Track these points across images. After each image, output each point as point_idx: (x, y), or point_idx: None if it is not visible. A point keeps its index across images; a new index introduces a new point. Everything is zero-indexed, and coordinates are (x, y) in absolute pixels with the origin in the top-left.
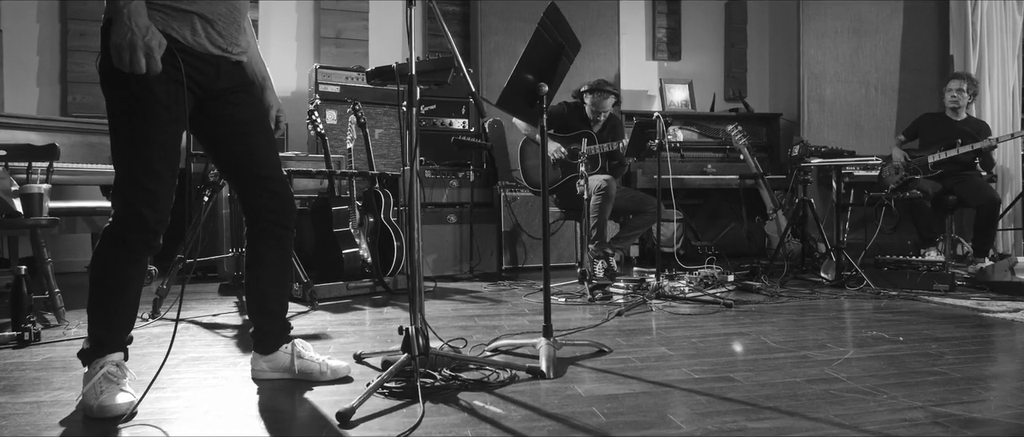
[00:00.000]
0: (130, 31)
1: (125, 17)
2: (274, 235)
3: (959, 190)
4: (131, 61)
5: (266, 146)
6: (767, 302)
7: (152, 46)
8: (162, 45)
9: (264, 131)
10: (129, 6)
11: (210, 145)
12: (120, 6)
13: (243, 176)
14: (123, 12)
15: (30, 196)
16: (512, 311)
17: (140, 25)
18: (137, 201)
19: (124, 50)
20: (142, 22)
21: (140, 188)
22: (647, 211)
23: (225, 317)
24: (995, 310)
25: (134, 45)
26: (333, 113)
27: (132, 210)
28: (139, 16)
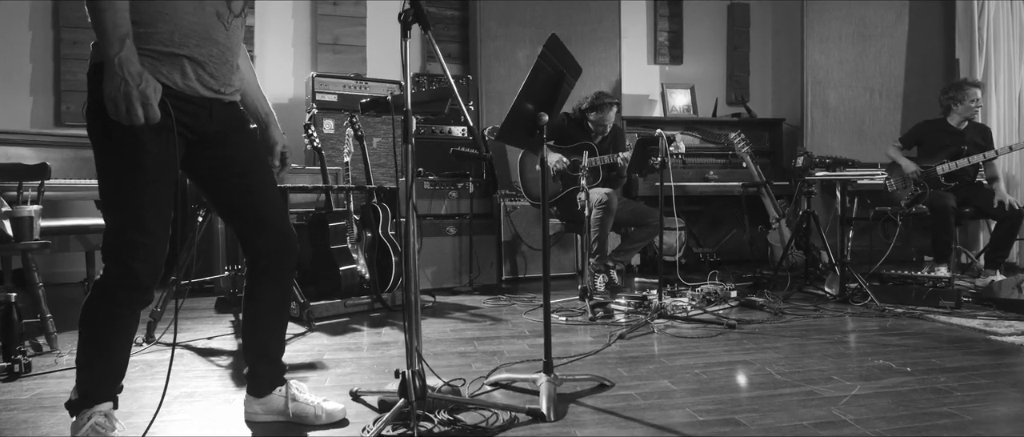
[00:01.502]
0: (124, 81)
1: (117, 66)
2: (274, 277)
3: (977, 201)
4: (128, 113)
5: (264, 186)
6: (770, 321)
7: (148, 95)
8: (158, 91)
9: (261, 170)
10: (120, 54)
11: (205, 188)
12: (111, 54)
13: (241, 218)
14: (114, 61)
15: (20, 219)
16: (512, 332)
17: (134, 73)
18: (129, 256)
19: (119, 102)
20: (135, 70)
21: (131, 243)
22: (649, 224)
23: (220, 341)
24: (1003, 332)
25: (129, 96)
26: (330, 122)
27: (124, 266)
28: (131, 63)
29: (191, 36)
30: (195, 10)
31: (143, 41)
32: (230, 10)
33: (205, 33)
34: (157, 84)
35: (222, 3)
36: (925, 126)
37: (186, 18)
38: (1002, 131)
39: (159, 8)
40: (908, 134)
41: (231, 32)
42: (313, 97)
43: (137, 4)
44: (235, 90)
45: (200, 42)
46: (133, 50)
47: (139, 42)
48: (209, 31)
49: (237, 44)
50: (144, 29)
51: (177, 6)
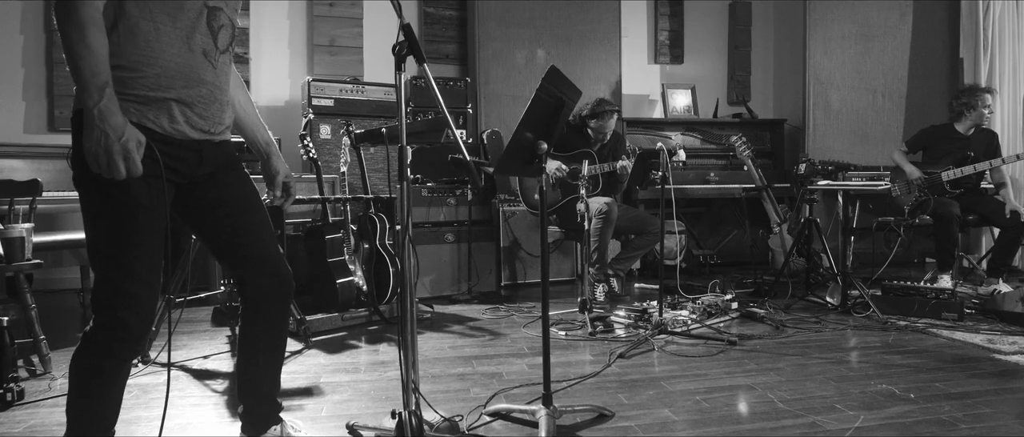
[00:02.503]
0: (104, 135)
1: (97, 118)
2: (269, 316)
3: (982, 208)
4: (108, 167)
5: (257, 224)
6: (771, 335)
7: (130, 148)
8: (141, 144)
9: (254, 208)
10: (100, 105)
11: (197, 230)
12: (90, 105)
13: (234, 257)
14: (93, 112)
15: (12, 240)
16: (511, 350)
17: (114, 126)
18: (119, 307)
19: (100, 156)
20: (116, 122)
21: (121, 294)
22: (649, 232)
23: (217, 360)
24: (1006, 350)
25: (110, 150)
26: (327, 128)
27: (114, 317)
28: (112, 115)
29: (177, 78)
30: (181, 51)
31: (128, 86)
32: (216, 46)
33: (192, 74)
34: (140, 136)
35: (208, 40)
36: (931, 131)
37: (173, 60)
38: (1007, 134)
39: (143, 51)
40: (914, 138)
41: (219, 69)
42: (309, 102)
43: (120, 48)
44: (226, 127)
45: (187, 83)
46: (114, 100)
47: (123, 87)
48: (196, 71)
49: (226, 80)
50: (129, 73)
51: (162, 48)
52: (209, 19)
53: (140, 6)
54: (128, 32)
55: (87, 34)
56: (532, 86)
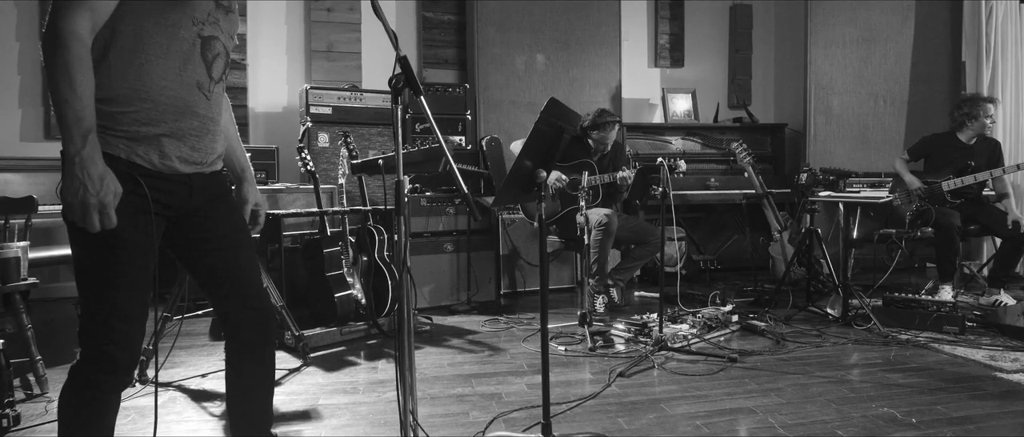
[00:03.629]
0: (82, 186)
1: (77, 167)
2: (255, 352)
3: (983, 218)
4: (82, 219)
5: (245, 259)
6: (772, 351)
7: (106, 202)
8: (118, 195)
9: (243, 242)
10: (82, 152)
11: (185, 262)
12: (71, 153)
13: (220, 291)
14: (74, 160)
15: (7, 261)
16: (511, 367)
17: (94, 176)
18: (107, 342)
19: (75, 207)
20: (95, 172)
21: (108, 328)
22: (649, 242)
23: (215, 379)
24: (1008, 368)
25: (86, 203)
26: (325, 136)
27: (102, 351)
28: (92, 164)
29: (169, 112)
30: (174, 83)
31: (117, 122)
32: (210, 77)
33: (184, 107)
34: (118, 188)
35: (202, 71)
36: (933, 139)
37: (164, 93)
38: (1009, 140)
39: (134, 85)
40: (915, 147)
41: (213, 100)
42: (307, 110)
43: (110, 79)
44: (218, 157)
45: (179, 117)
46: (96, 147)
47: (113, 123)
48: (189, 105)
49: (219, 110)
50: (118, 108)
51: (154, 80)
52: (203, 49)
53: (133, 40)
54: (119, 63)
55: (74, 75)
56: (532, 91)
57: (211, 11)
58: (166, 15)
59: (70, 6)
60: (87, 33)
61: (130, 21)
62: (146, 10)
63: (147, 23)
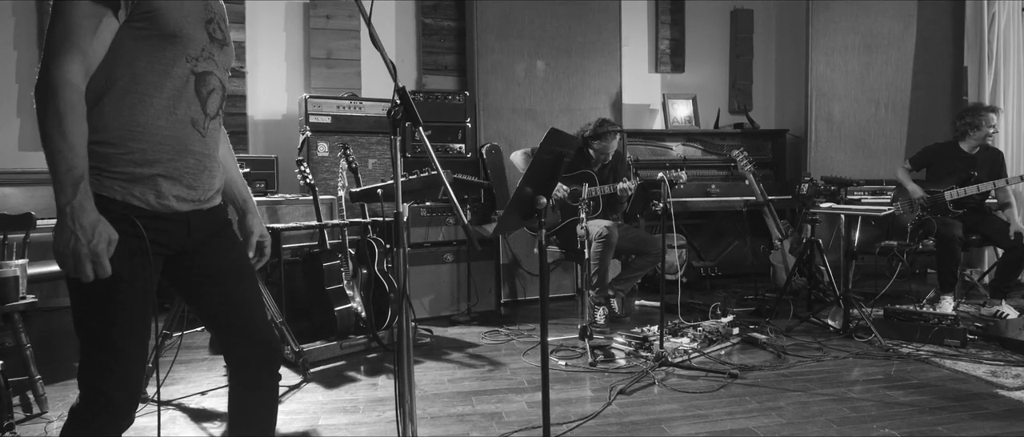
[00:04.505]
0: (74, 236)
1: (68, 217)
2: (260, 386)
3: (984, 228)
4: (75, 270)
5: (247, 293)
6: (772, 366)
7: (99, 252)
8: (113, 242)
9: (244, 276)
10: (73, 202)
11: (186, 298)
12: (62, 203)
13: (223, 326)
14: (65, 210)
15: (5, 280)
16: (511, 384)
17: (86, 226)
18: (105, 384)
19: (67, 259)
20: (88, 222)
21: (108, 371)
22: (650, 252)
23: (214, 397)
24: (1010, 385)
25: (78, 254)
26: (324, 145)
27: (99, 393)
28: (83, 214)
29: (164, 151)
30: (169, 122)
31: (112, 163)
32: (205, 113)
33: (179, 146)
34: (112, 235)
35: (196, 108)
36: (936, 149)
37: (159, 133)
38: (1011, 146)
39: (128, 126)
40: (918, 156)
41: (209, 136)
42: (306, 119)
43: (105, 121)
44: (217, 191)
45: (174, 156)
46: (88, 195)
47: (108, 164)
48: (184, 143)
49: (216, 146)
50: (113, 149)
51: (148, 120)
52: (198, 86)
53: (126, 79)
54: (114, 106)
55: (66, 124)
56: (532, 98)
57: (205, 46)
58: (159, 54)
59: (62, 52)
60: (80, 79)
61: (123, 62)
62: (139, 50)
63: (140, 63)
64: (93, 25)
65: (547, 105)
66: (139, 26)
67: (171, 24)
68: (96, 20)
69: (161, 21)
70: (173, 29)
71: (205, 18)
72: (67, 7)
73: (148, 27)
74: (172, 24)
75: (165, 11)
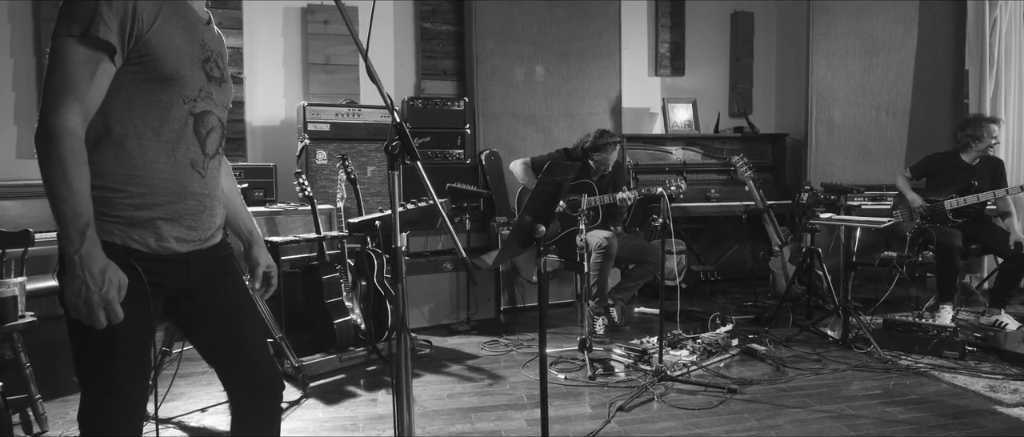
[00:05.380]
0: (84, 285)
1: (78, 266)
2: (260, 418)
3: (984, 237)
4: (89, 318)
5: (247, 329)
6: (771, 379)
7: (110, 298)
8: (123, 287)
9: (244, 312)
10: (81, 251)
11: (187, 334)
12: (70, 252)
13: (226, 363)
14: (74, 259)
15: (4, 300)
16: (510, 400)
17: (95, 274)
18: (103, 425)
19: (80, 307)
20: (97, 268)
21: (108, 414)
22: (649, 261)
23: (214, 414)
24: (1008, 401)
25: (90, 302)
26: (323, 153)
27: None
28: (92, 261)
29: (164, 194)
30: (168, 165)
31: (112, 207)
32: (205, 153)
33: (179, 188)
34: (123, 278)
35: (196, 149)
36: (936, 158)
37: (158, 176)
38: (1011, 150)
39: (127, 169)
40: (918, 165)
41: (209, 176)
42: (305, 127)
43: (105, 167)
44: (218, 228)
45: (174, 198)
46: (95, 242)
47: (108, 208)
48: (183, 185)
49: (216, 184)
50: (113, 193)
51: (147, 163)
52: (196, 126)
53: (124, 123)
54: (113, 150)
55: (69, 173)
56: (532, 103)
57: (203, 86)
58: (156, 97)
59: (60, 101)
60: (80, 125)
61: (120, 105)
62: (136, 93)
63: (137, 106)
64: (90, 71)
65: (546, 110)
66: (136, 70)
67: (168, 67)
68: (93, 66)
69: (157, 64)
70: (170, 72)
71: (202, 58)
72: (64, 54)
73: (144, 71)
74: (168, 67)
75: (161, 54)
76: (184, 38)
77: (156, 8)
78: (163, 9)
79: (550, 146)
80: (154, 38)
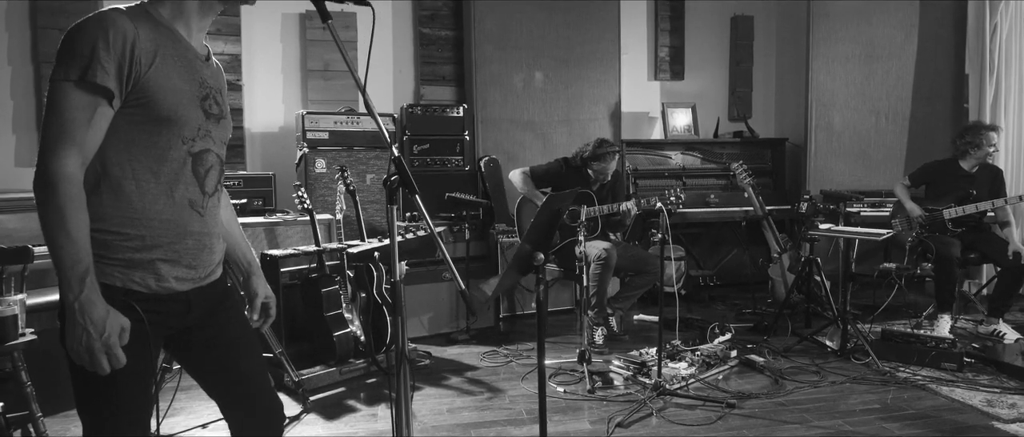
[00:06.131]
0: (85, 332)
1: (78, 313)
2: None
3: (982, 246)
4: (91, 365)
5: (249, 362)
6: (770, 392)
7: (112, 344)
8: (125, 332)
9: (245, 345)
10: (81, 298)
11: (188, 369)
12: (70, 300)
13: (225, 395)
14: (74, 306)
15: (3, 319)
16: (510, 415)
17: (96, 321)
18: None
19: (82, 356)
20: (98, 315)
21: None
22: (648, 272)
23: (215, 430)
24: (1006, 416)
25: (92, 350)
26: (322, 161)
27: None
28: (93, 308)
29: (163, 235)
30: (166, 206)
31: (112, 249)
32: (204, 192)
33: (178, 228)
34: (124, 323)
35: (194, 189)
36: (935, 167)
37: (157, 217)
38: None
39: (125, 212)
40: (917, 173)
41: (208, 214)
42: (304, 135)
43: (103, 210)
44: (217, 264)
45: (174, 238)
46: (95, 288)
47: (108, 251)
48: (182, 225)
49: (215, 221)
50: (112, 236)
51: (145, 206)
52: (194, 165)
53: (122, 165)
54: (111, 193)
55: (67, 219)
56: (531, 109)
57: (201, 124)
58: (154, 138)
59: (59, 146)
60: (78, 170)
61: (118, 148)
62: (134, 136)
63: (135, 149)
64: (88, 116)
65: (546, 116)
66: (133, 112)
67: (166, 108)
68: (91, 111)
69: (156, 106)
70: (168, 113)
71: (200, 96)
72: (61, 99)
73: (142, 112)
74: (167, 108)
75: (159, 96)
76: (182, 77)
77: (154, 49)
78: (161, 48)
79: (549, 152)
80: (152, 79)
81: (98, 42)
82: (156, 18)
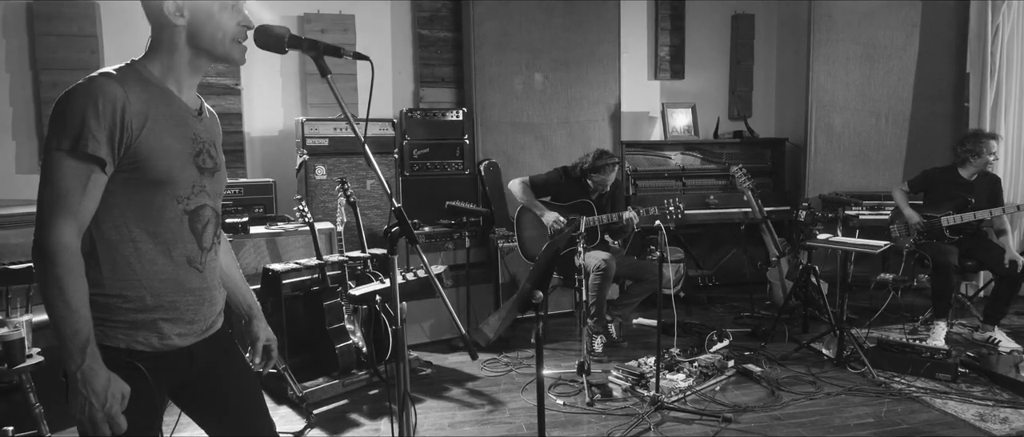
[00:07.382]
0: (88, 403)
1: (80, 383)
2: None
3: (979, 254)
4: (94, 433)
5: (251, 411)
6: (766, 405)
7: (113, 413)
8: (126, 397)
9: (247, 393)
10: (82, 368)
11: (192, 417)
12: (73, 370)
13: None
14: (76, 376)
15: (11, 343)
16: (510, 429)
17: (98, 391)
18: None
19: (85, 424)
20: (99, 385)
21: None
22: (647, 279)
23: None
24: (997, 431)
25: (94, 420)
26: (322, 168)
27: None
28: (95, 378)
29: (164, 295)
30: (165, 266)
31: (113, 312)
32: (202, 248)
33: (177, 287)
34: (125, 389)
35: (192, 246)
36: (934, 174)
37: (156, 278)
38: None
39: (124, 276)
40: (916, 180)
41: (206, 269)
42: (304, 142)
43: (101, 276)
44: (218, 314)
45: (174, 297)
46: (96, 357)
47: (109, 313)
48: (182, 283)
49: (214, 275)
50: (114, 300)
51: (144, 267)
52: (191, 223)
53: (119, 229)
54: (108, 259)
55: (66, 290)
56: (530, 112)
57: (195, 181)
58: (149, 200)
59: (54, 216)
60: (75, 239)
61: (114, 212)
62: (129, 199)
63: (131, 212)
64: (82, 184)
65: (545, 118)
66: (127, 176)
67: (159, 170)
68: (85, 178)
69: (149, 169)
70: (162, 175)
71: (193, 152)
72: (55, 169)
73: (136, 176)
74: (160, 170)
75: (152, 159)
76: (175, 136)
77: (144, 111)
78: (152, 110)
79: (549, 154)
80: (145, 142)
81: (87, 111)
82: (146, 77)
